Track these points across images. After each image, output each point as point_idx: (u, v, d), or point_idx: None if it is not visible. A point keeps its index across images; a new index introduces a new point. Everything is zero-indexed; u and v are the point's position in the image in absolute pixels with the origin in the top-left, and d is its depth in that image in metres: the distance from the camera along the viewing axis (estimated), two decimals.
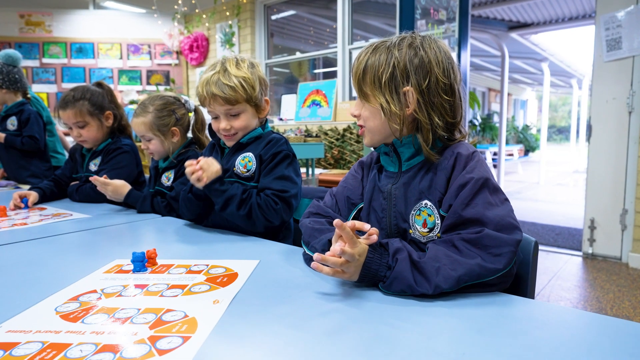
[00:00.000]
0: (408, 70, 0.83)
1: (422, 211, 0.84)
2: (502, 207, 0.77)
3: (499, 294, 0.73)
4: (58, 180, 1.86)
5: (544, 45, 7.99)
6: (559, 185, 7.78)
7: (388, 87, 0.84)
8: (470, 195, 0.77)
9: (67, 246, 1.09)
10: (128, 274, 0.86)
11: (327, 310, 0.67)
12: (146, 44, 5.99)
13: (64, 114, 1.72)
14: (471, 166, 0.81)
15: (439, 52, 0.85)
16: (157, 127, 1.52)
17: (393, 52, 0.84)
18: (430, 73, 0.83)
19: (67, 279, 0.83)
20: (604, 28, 3.04)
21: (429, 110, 0.84)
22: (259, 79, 1.25)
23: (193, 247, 1.07)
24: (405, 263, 0.71)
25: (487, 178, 0.79)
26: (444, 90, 0.84)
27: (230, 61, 1.24)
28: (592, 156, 3.20)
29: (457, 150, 0.85)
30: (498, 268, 0.71)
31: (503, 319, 0.63)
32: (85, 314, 0.67)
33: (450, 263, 0.71)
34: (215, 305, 0.69)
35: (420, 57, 0.83)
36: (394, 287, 0.71)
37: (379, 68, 0.84)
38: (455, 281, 0.69)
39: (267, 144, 1.26)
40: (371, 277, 0.73)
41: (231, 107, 1.22)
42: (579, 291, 2.59)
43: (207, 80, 1.21)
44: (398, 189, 0.89)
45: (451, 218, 0.78)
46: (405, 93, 0.84)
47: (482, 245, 0.72)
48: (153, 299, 0.72)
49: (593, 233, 3.21)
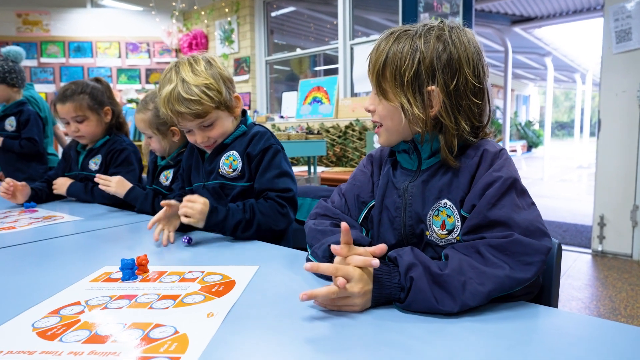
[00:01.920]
0: (435, 68, 0.73)
1: (441, 211, 0.77)
2: (530, 211, 0.70)
3: (524, 304, 0.65)
4: (50, 182, 1.79)
5: (548, 39, 7.89)
6: (563, 181, 7.70)
7: (411, 85, 0.75)
8: (497, 195, 0.69)
9: (54, 252, 1.02)
10: (116, 283, 0.79)
11: (336, 325, 0.60)
12: (145, 42, 5.92)
13: (63, 108, 1.67)
14: (499, 164, 0.73)
15: (470, 46, 0.75)
16: (155, 126, 1.47)
17: (418, 45, 0.74)
18: (460, 72, 0.74)
19: (50, 288, 0.76)
20: (613, 19, 2.96)
21: (456, 114, 0.75)
22: (221, 78, 1.14)
23: (188, 251, 1.00)
24: (423, 281, 0.62)
25: (516, 179, 0.72)
26: (473, 92, 0.75)
27: (184, 67, 1.11)
28: (601, 151, 3.12)
29: (483, 148, 0.76)
30: (527, 277, 0.63)
31: (533, 333, 0.56)
32: (65, 330, 0.60)
33: (477, 276, 0.62)
34: (209, 319, 0.63)
35: (449, 52, 0.73)
36: (413, 308, 0.63)
37: (401, 63, 0.74)
38: (485, 297, 0.62)
39: (252, 139, 1.19)
40: (385, 300, 0.65)
41: (202, 120, 1.13)
42: (590, 290, 2.51)
43: (168, 98, 1.09)
44: (416, 186, 0.80)
45: (475, 219, 0.70)
46: (429, 93, 0.75)
47: (511, 252, 0.64)
48: (141, 312, 0.66)
49: (602, 230, 3.13)
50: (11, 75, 2.39)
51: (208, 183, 1.21)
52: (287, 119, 4.66)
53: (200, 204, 1.03)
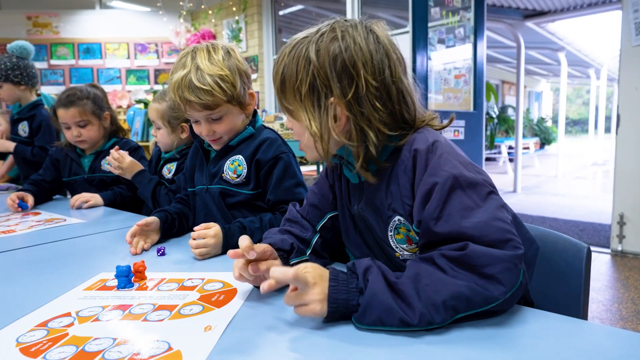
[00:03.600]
0: (328, 78, 0.65)
1: (399, 228, 0.70)
2: (485, 208, 0.59)
3: (550, 315, 0.59)
4: (39, 186, 1.75)
5: (561, 33, 7.72)
6: (578, 179, 7.54)
7: (310, 100, 0.67)
8: (439, 205, 0.60)
9: (50, 257, 0.98)
10: (111, 291, 0.74)
11: (344, 339, 0.54)
12: (153, 43, 5.92)
13: (67, 113, 1.66)
14: (433, 165, 0.63)
15: (368, 45, 0.65)
16: (167, 118, 1.47)
17: (310, 56, 0.65)
18: (358, 77, 0.64)
19: (42, 297, 0.72)
20: (632, 10, 2.85)
21: (362, 124, 0.66)
22: (238, 71, 1.06)
23: (189, 256, 0.95)
24: (380, 282, 0.56)
25: (455, 175, 0.61)
26: (377, 96, 0.65)
27: (201, 53, 1.03)
28: (620, 147, 3.01)
29: (414, 147, 0.66)
30: (494, 295, 0.54)
31: (566, 352, 0.50)
32: (51, 345, 0.55)
33: (432, 283, 0.55)
34: (206, 333, 0.57)
35: (342, 58, 0.64)
36: (367, 316, 0.55)
37: (296, 78, 0.66)
38: (441, 307, 0.53)
39: (261, 145, 1.12)
40: (343, 311, 0.57)
41: (211, 112, 1.06)
42: (611, 292, 2.42)
43: (179, 84, 1.02)
44: (364, 209, 0.74)
45: (424, 237, 0.62)
46: (328, 106, 0.66)
47: (469, 265, 0.55)
48: (134, 325, 0.61)
49: (622, 229, 3.03)
50: (14, 72, 2.23)
51: (211, 187, 1.16)
52: None
53: (212, 238, 0.93)
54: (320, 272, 0.59)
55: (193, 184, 1.22)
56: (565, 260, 0.75)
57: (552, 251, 0.77)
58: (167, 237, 1.09)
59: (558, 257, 0.76)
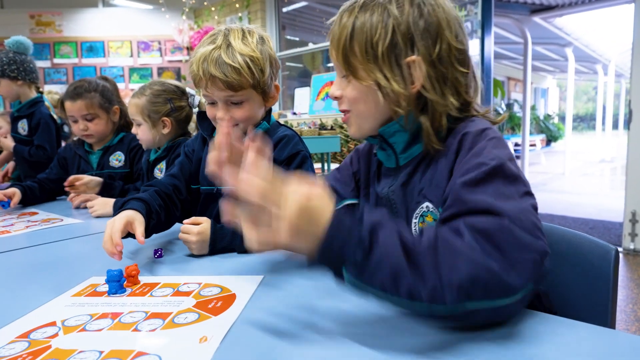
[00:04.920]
0: (412, 35, 0.62)
1: (425, 216, 0.65)
2: (522, 200, 0.53)
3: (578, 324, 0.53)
4: (42, 184, 1.71)
5: (569, 28, 7.61)
6: (585, 176, 7.44)
7: (387, 58, 0.63)
8: (475, 180, 0.54)
9: (42, 260, 0.93)
10: (101, 297, 0.69)
11: (358, 355, 0.49)
12: (156, 41, 5.89)
13: (74, 105, 1.63)
14: (480, 147, 0.58)
15: (448, 9, 0.65)
16: (147, 112, 1.43)
17: (390, 11, 0.63)
18: (441, 37, 0.63)
19: (26, 305, 0.67)
20: None
21: (442, 86, 0.64)
22: (269, 58, 1.01)
23: (185, 259, 0.90)
24: (394, 240, 0.48)
25: (502, 163, 0.54)
26: (458, 60, 0.64)
27: (235, 32, 0.98)
28: (632, 144, 2.94)
29: (464, 130, 0.63)
30: (513, 285, 0.46)
31: None
32: (32, 359, 0.51)
33: (451, 256, 0.46)
34: (201, 344, 0.52)
35: (426, 16, 0.63)
36: (377, 275, 0.47)
37: (372, 33, 0.63)
38: (454, 288, 0.45)
39: (278, 142, 1.06)
40: (334, 255, 0.49)
41: (233, 94, 0.99)
42: (624, 292, 2.36)
43: (205, 57, 0.95)
44: (395, 192, 0.69)
45: (450, 208, 0.53)
46: (409, 64, 0.63)
47: (497, 242, 0.47)
48: (123, 336, 0.56)
49: (635, 227, 2.95)
50: (11, 67, 2.16)
51: (221, 188, 1.09)
52: (300, 115, 4.56)
53: (194, 236, 0.88)
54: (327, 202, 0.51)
55: (196, 181, 1.16)
56: (591, 263, 0.69)
57: (576, 254, 0.71)
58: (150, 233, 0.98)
59: (583, 259, 0.70)
